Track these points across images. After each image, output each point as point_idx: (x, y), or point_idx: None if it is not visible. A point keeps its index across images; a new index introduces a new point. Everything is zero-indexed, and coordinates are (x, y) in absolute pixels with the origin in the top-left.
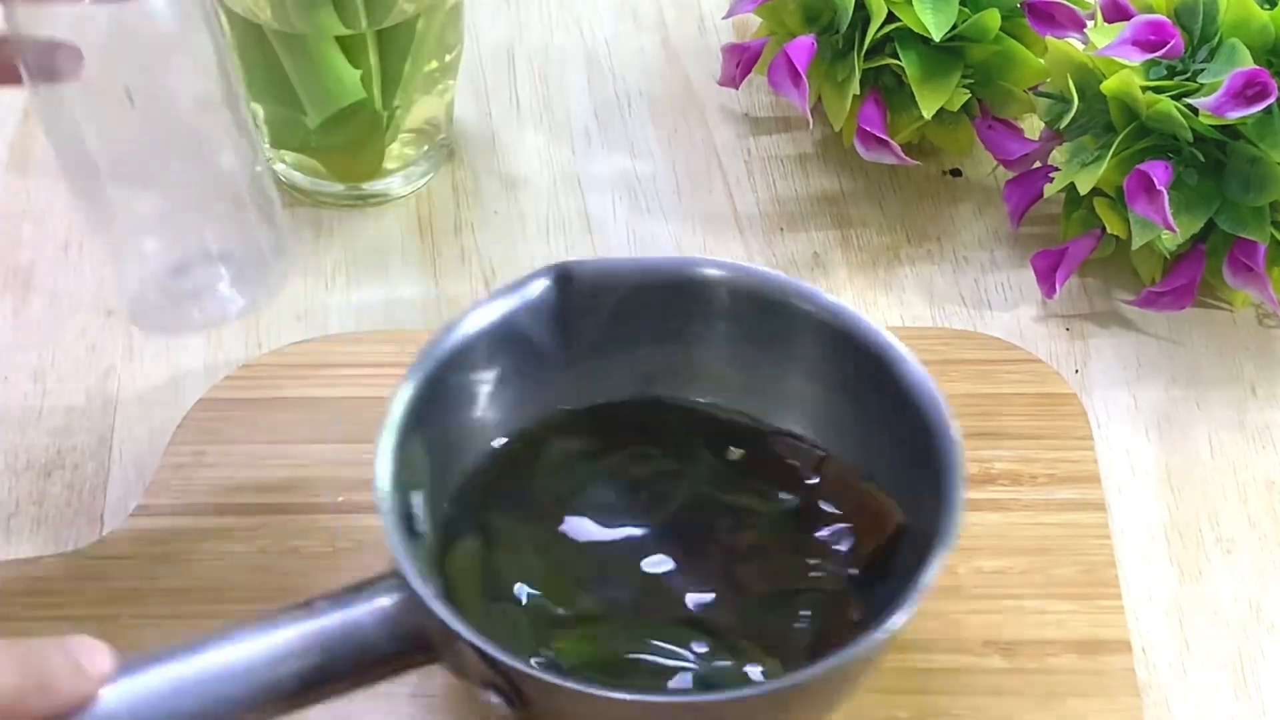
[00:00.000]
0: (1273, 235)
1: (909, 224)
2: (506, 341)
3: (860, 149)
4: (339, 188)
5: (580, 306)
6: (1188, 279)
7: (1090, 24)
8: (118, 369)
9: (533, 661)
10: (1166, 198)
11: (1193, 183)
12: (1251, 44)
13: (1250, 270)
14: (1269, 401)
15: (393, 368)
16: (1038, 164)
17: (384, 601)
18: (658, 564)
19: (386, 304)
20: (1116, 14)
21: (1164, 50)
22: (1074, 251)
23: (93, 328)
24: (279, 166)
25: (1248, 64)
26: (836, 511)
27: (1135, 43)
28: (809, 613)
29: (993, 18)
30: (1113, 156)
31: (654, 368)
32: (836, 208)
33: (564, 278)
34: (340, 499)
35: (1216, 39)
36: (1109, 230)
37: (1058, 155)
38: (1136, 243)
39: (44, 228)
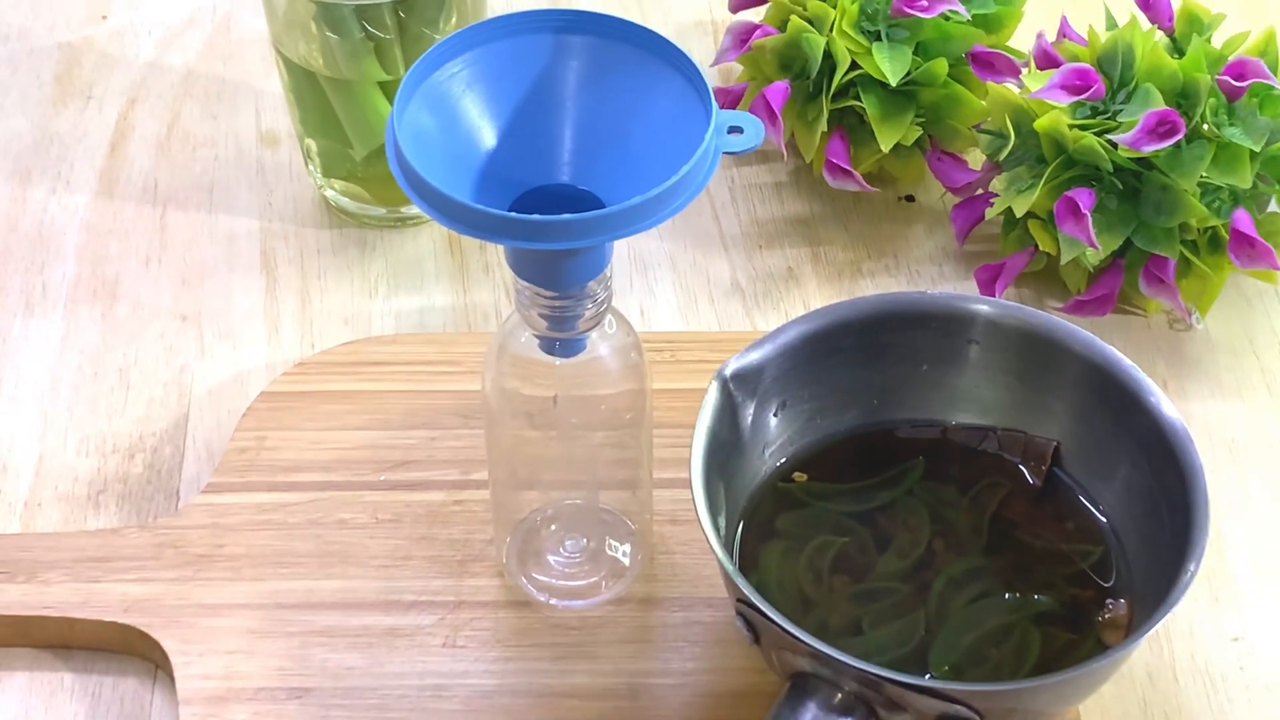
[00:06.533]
0: (1181, 252)
1: (869, 242)
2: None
3: (828, 178)
4: (381, 211)
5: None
6: (1108, 289)
7: (1025, 71)
8: (191, 366)
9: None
10: (1090, 220)
11: (1113, 206)
12: (1163, 88)
13: (1162, 282)
14: (1179, 395)
15: (426, 365)
16: (980, 191)
17: None
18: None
19: (421, 310)
20: (1047, 62)
21: (1088, 93)
22: (1011, 265)
23: (170, 331)
24: (329, 193)
25: (1160, 105)
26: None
27: (1063, 87)
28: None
29: (941, 65)
30: (1044, 184)
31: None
32: (807, 228)
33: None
34: (381, 478)
35: (1133, 84)
36: (1041, 247)
37: (997, 183)
38: (1065, 258)
39: (128, 245)
